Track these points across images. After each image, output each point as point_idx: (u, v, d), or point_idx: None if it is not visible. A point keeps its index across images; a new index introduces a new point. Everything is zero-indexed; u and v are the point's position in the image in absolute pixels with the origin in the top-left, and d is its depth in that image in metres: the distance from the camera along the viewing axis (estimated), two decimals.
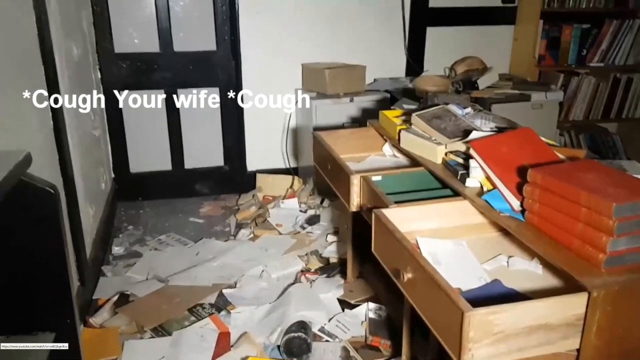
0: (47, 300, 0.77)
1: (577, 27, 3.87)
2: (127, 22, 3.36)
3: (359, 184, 1.87)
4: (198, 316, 2.35)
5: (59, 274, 0.76)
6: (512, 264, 1.48)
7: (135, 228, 3.28)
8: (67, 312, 0.80)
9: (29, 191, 0.68)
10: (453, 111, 1.96)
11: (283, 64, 3.62)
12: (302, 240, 3.00)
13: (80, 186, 2.50)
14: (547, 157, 1.54)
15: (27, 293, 0.76)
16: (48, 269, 0.75)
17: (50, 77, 2.15)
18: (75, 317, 0.79)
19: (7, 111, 1.69)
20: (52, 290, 0.76)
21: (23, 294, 0.77)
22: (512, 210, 1.45)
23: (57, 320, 0.78)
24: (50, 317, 0.78)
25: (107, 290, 2.54)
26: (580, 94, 3.94)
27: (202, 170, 3.79)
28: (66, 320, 0.79)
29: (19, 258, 0.75)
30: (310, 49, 3.65)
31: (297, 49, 3.62)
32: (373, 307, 2.32)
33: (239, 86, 3.59)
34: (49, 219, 0.72)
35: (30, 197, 0.68)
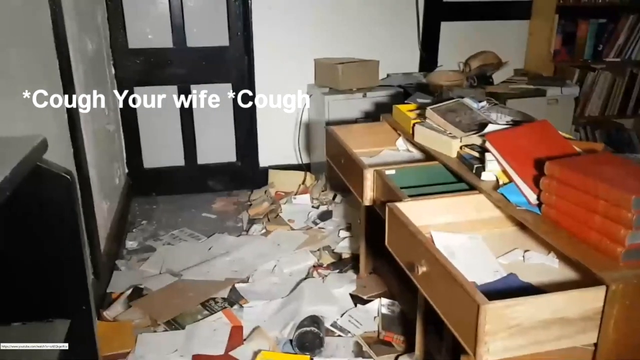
0: (63, 286, 0.77)
1: (593, 22, 3.82)
2: (140, 17, 3.38)
3: (372, 178, 1.86)
4: (211, 310, 2.36)
5: (74, 260, 0.76)
6: (528, 257, 1.46)
7: (149, 223, 3.29)
8: (82, 298, 0.80)
9: (44, 177, 0.68)
10: (468, 105, 1.94)
11: (295, 59, 3.62)
12: (314, 235, 2.99)
13: (94, 181, 2.51)
14: (564, 150, 1.52)
15: (43, 279, 0.76)
16: (64, 255, 0.75)
17: (65, 71, 2.17)
18: (90, 303, 0.80)
19: (22, 105, 1.70)
20: (67, 277, 0.77)
21: (39, 280, 0.77)
22: (529, 203, 1.43)
23: (72, 306, 0.78)
24: (66, 304, 0.78)
25: (121, 284, 2.56)
26: (596, 89, 3.89)
27: (215, 166, 3.80)
28: (82, 307, 0.79)
29: (35, 244, 0.75)
30: (323, 44, 3.64)
31: (309, 44, 3.61)
32: (386, 303, 2.30)
33: (251, 82, 3.59)
34: (65, 204, 0.72)
35: (46, 182, 0.69)
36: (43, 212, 0.71)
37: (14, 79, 1.64)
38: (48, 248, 0.75)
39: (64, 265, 0.76)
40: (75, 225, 0.74)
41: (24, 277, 0.77)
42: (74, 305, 0.79)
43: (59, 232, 0.73)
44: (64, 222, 0.73)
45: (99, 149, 2.71)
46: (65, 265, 0.76)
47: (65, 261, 0.76)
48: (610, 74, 3.87)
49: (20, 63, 1.72)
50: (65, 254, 0.76)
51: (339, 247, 2.84)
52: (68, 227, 0.74)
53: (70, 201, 0.73)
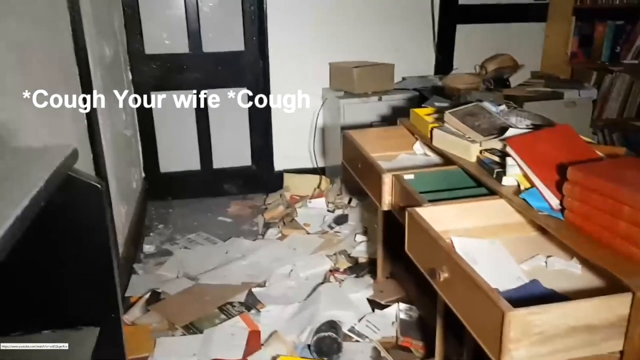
0: (93, 295, 0.78)
1: (610, 24, 3.78)
2: (157, 23, 3.41)
3: (390, 183, 1.85)
4: (228, 314, 2.36)
5: (104, 268, 0.76)
6: (551, 263, 1.44)
7: (166, 227, 3.31)
8: (111, 306, 0.80)
9: (75, 186, 0.69)
10: (487, 108, 1.92)
11: (310, 63, 3.62)
12: (330, 240, 2.99)
13: (113, 185, 2.53)
14: (586, 155, 1.51)
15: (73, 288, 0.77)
16: (94, 264, 0.76)
17: (84, 77, 2.19)
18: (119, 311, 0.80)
19: (43, 110, 1.72)
20: (97, 285, 0.77)
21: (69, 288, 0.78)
22: (551, 209, 1.42)
23: (101, 314, 0.79)
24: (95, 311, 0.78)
25: (139, 288, 2.57)
26: (614, 91, 3.85)
27: (230, 170, 3.81)
28: (111, 315, 0.79)
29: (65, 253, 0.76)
30: (338, 48, 3.64)
31: (324, 48, 3.62)
32: (404, 308, 2.29)
33: (266, 86, 3.60)
34: (95, 213, 0.73)
35: (77, 191, 0.69)
36: (73, 220, 0.72)
37: (35, 85, 1.66)
38: (78, 257, 0.75)
39: (94, 274, 0.76)
40: (105, 234, 0.74)
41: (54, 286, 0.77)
42: (103, 313, 0.79)
43: (89, 241, 0.74)
44: (94, 231, 0.74)
45: (117, 154, 2.74)
46: (95, 274, 0.77)
47: (95, 270, 0.77)
48: (628, 76, 3.83)
49: (39, 68, 1.74)
50: (95, 263, 0.77)
51: (355, 252, 2.83)
52: (98, 236, 0.75)
53: (101, 210, 0.74)
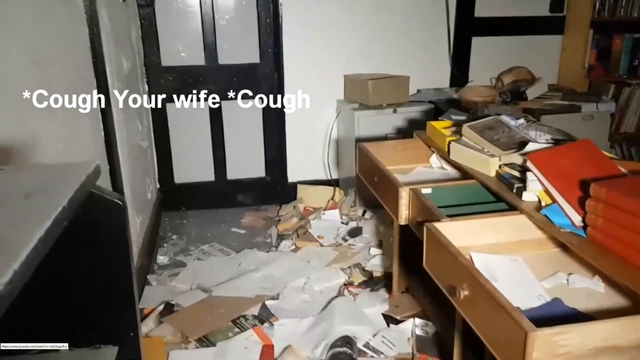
0: (112, 313, 0.77)
1: (628, 37, 3.74)
2: (174, 36, 3.43)
3: (407, 197, 1.83)
4: (242, 327, 2.35)
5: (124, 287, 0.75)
6: (573, 281, 1.41)
7: (179, 238, 3.31)
8: (131, 325, 0.79)
9: (96, 202, 0.68)
10: (506, 122, 1.90)
11: (325, 75, 3.62)
12: (344, 252, 2.97)
13: (128, 196, 2.54)
14: (608, 171, 1.48)
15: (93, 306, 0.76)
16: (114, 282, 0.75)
17: (102, 89, 2.20)
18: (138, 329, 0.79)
19: (61, 122, 1.73)
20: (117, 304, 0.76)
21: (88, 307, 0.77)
22: (573, 225, 1.39)
23: (120, 332, 0.78)
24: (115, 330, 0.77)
25: (152, 300, 2.56)
26: (632, 105, 3.80)
27: (244, 181, 3.81)
28: (130, 333, 0.78)
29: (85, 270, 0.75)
30: (353, 60, 3.64)
31: (339, 60, 3.62)
32: (420, 323, 2.26)
33: (281, 97, 3.60)
34: (116, 230, 0.72)
35: (98, 208, 0.68)
36: (94, 237, 0.71)
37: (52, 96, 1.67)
38: (98, 273, 0.75)
39: (114, 291, 0.75)
40: (126, 252, 0.74)
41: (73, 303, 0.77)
42: (122, 332, 0.78)
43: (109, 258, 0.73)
44: (115, 248, 0.73)
45: (133, 165, 2.75)
46: (115, 292, 0.76)
47: (115, 288, 0.76)
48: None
49: (59, 79, 1.75)
50: (116, 281, 0.76)
51: (370, 265, 2.80)
52: (119, 253, 0.74)
53: (122, 226, 0.73)
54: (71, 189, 0.58)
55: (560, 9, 3.81)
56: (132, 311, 0.79)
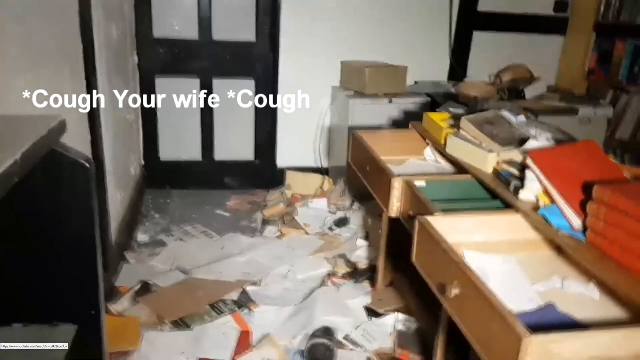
0: (73, 288, 0.69)
1: (631, 42, 3.69)
2: (168, 7, 3.32)
3: (400, 188, 1.76)
4: (220, 312, 2.28)
5: (87, 260, 0.68)
6: (568, 286, 1.36)
7: (162, 217, 3.22)
8: (93, 303, 0.72)
9: (60, 163, 0.60)
10: (507, 118, 1.84)
11: (321, 59, 3.54)
12: (330, 242, 2.90)
13: (110, 170, 2.45)
14: (612, 175, 1.42)
15: (51, 279, 0.69)
16: (75, 254, 0.67)
17: (89, 57, 2.10)
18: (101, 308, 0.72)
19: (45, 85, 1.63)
20: (78, 278, 0.69)
21: (47, 279, 0.69)
22: (572, 228, 1.33)
23: (81, 311, 0.70)
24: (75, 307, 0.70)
25: (130, 278, 2.49)
26: (629, 112, 3.75)
27: (232, 163, 3.72)
28: (91, 312, 0.71)
29: (45, 239, 0.67)
30: (351, 46, 3.55)
31: (336, 45, 3.53)
32: (402, 318, 2.21)
33: (275, 79, 3.52)
34: (81, 196, 0.64)
35: (61, 169, 0.61)
36: (56, 202, 0.63)
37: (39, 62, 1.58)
38: (59, 244, 0.67)
39: (75, 266, 0.68)
40: (91, 222, 0.66)
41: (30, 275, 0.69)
42: (82, 310, 0.71)
43: (72, 227, 0.65)
44: (78, 218, 0.65)
45: (117, 138, 2.65)
46: (77, 266, 0.68)
47: (78, 261, 0.68)
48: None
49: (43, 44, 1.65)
50: (78, 253, 0.68)
51: (355, 257, 2.74)
52: (82, 224, 0.66)
53: (87, 193, 0.65)
54: (28, 142, 0.50)
55: (565, 10, 3.76)
56: (95, 288, 0.71)
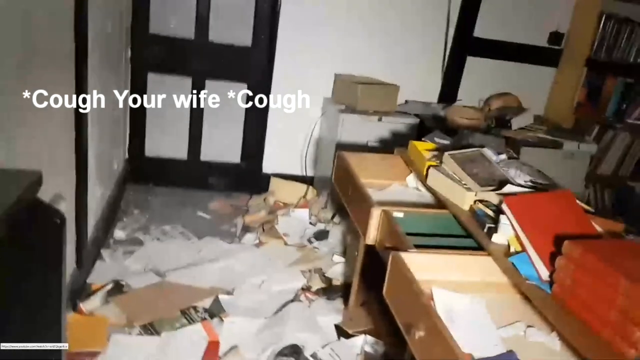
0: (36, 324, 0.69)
1: (621, 80, 3.75)
2: (166, 3, 3.30)
3: (378, 218, 1.78)
4: (190, 319, 2.28)
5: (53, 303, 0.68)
6: (530, 334, 1.39)
7: (141, 213, 3.21)
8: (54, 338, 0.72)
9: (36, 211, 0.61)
10: (487, 156, 1.86)
11: (315, 70, 3.54)
12: (307, 255, 2.92)
13: (92, 164, 2.43)
14: (584, 228, 1.45)
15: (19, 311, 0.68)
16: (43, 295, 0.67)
17: (80, 48, 2.08)
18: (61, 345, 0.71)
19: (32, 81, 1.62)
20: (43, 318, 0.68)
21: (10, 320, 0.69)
22: (539, 279, 1.36)
23: None
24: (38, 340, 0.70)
25: (103, 276, 2.48)
26: (613, 148, 3.82)
27: (218, 165, 3.72)
28: None
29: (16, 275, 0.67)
30: (345, 59, 3.57)
31: (331, 58, 3.55)
32: (370, 341, 2.23)
33: (267, 86, 3.52)
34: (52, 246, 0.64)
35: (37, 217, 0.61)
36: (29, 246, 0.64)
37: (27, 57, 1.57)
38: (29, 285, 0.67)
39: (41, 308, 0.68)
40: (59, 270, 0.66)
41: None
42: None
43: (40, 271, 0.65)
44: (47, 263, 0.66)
45: (102, 133, 2.64)
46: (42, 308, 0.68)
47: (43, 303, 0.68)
48: (629, 135, 3.80)
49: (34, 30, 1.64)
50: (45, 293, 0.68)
51: (331, 272, 2.76)
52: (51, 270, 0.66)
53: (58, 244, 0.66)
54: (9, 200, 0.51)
55: (559, 42, 3.80)
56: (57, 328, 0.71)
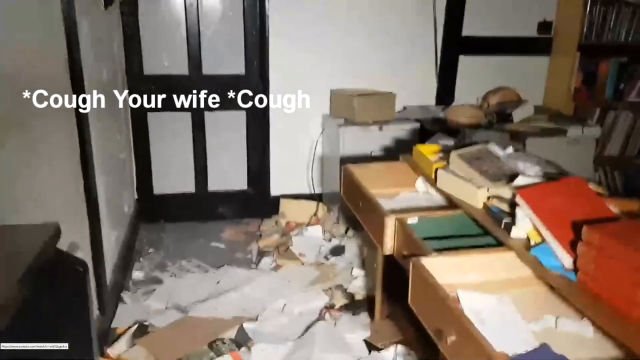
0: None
1: (614, 61, 3.75)
2: (157, 44, 3.35)
3: (393, 227, 1.78)
4: (218, 352, 2.27)
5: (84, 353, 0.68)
6: (561, 325, 1.37)
7: (156, 251, 3.22)
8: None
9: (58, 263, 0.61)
10: (494, 152, 1.86)
11: (311, 88, 3.55)
12: (326, 272, 2.91)
13: (103, 209, 2.45)
14: (601, 212, 1.44)
15: None
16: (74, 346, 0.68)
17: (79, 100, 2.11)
18: None
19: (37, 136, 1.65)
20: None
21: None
22: (563, 268, 1.35)
23: None
24: None
25: (126, 319, 2.48)
26: (617, 129, 3.80)
27: (226, 193, 3.73)
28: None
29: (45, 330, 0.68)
30: (340, 73, 3.58)
31: (325, 73, 3.56)
32: (401, 352, 2.21)
33: (266, 110, 3.54)
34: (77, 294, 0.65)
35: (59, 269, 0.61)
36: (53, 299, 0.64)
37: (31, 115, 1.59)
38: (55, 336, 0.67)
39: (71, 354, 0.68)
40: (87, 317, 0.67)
41: None
42: None
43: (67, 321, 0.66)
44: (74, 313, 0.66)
45: (110, 178, 2.66)
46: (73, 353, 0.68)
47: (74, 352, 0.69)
48: (631, 113, 3.78)
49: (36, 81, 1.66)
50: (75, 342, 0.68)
51: (352, 287, 2.75)
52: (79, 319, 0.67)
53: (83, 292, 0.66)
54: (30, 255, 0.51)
55: (548, 31, 3.81)
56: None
